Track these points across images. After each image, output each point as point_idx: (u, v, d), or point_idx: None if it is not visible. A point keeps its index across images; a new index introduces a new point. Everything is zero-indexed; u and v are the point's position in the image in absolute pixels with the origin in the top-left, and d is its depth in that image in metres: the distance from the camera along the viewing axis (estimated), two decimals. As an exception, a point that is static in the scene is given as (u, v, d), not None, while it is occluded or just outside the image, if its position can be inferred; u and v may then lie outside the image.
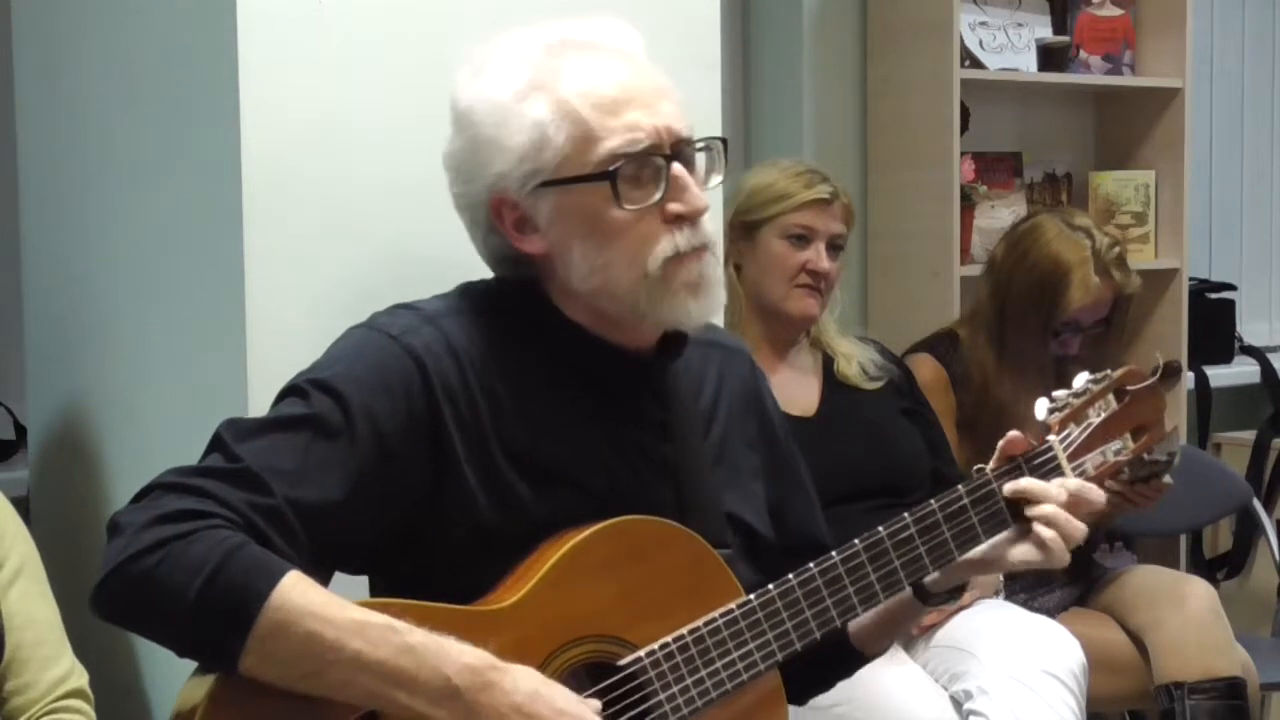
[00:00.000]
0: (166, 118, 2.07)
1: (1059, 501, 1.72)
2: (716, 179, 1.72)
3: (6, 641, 1.93)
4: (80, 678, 2.00)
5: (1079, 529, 1.72)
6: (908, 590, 1.76)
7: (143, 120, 2.13)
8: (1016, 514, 1.74)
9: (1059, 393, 1.81)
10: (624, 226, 1.63)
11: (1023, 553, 1.74)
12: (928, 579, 1.76)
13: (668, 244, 1.64)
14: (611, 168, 1.61)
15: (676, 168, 1.65)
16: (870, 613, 1.74)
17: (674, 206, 1.64)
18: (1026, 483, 1.73)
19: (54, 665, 1.97)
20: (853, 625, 1.79)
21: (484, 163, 1.65)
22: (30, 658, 1.96)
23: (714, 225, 2.23)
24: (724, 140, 1.73)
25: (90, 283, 2.29)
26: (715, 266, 1.68)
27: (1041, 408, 1.80)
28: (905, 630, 1.96)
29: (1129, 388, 1.82)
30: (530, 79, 1.64)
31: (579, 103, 1.62)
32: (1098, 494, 1.76)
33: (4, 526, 1.99)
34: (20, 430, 2.83)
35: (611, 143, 1.62)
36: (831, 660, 1.83)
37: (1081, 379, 1.83)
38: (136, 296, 2.18)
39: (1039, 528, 1.72)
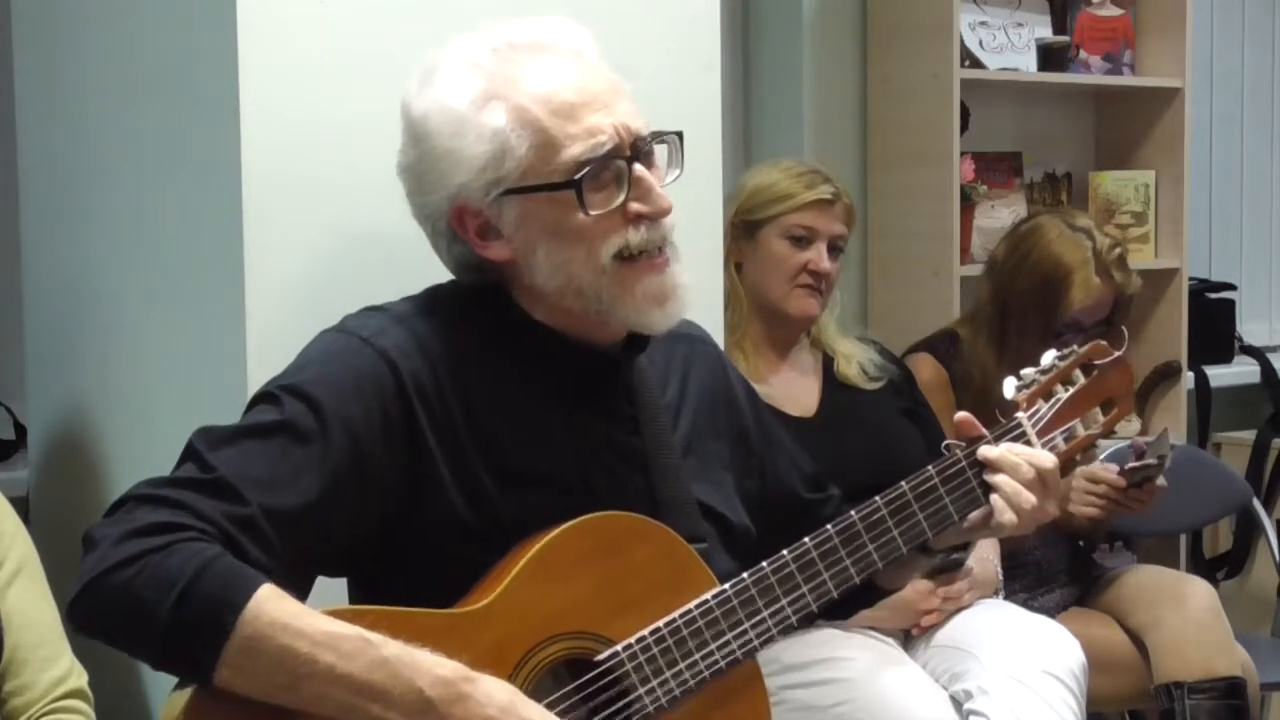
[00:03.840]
0: (166, 118, 2.07)
1: (1016, 473, 1.74)
2: (675, 174, 1.72)
3: (5, 642, 1.93)
4: (80, 678, 2.00)
5: (1024, 496, 1.73)
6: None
7: (143, 120, 2.13)
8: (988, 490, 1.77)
9: (1026, 370, 1.82)
10: (587, 229, 1.63)
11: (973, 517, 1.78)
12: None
13: (618, 239, 1.64)
14: (576, 175, 1.61)
15: (639, 169, 1.65)
16: None
17: (636, 207, 1.65)
18: (994, 452, 1.75)
19: (53, 665, 1.97)
20: None
21: (443, 173, 1.65)
22: (29, 658, 1.96)
23: (714, 225, 2.24)
24: (680, 134, 1.72)
25: (90, 283, 2.29)
26: (680, 273, 1.69)
27: (1009, 385, 1.81)
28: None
29: (1096, 362, 1.83)
30: (484, 86, 1.63)
31: (538, 109, 1.62)
32: (1049, 461, 1.77)
33: (3, 526, 1.99)
34: (20, 430, 2.83)
35: (574, 149, 1.62)
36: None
37: (1049, 356, 1.84)
38: (136, 297, 2.18)
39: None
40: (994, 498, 1.76)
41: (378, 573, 1.65)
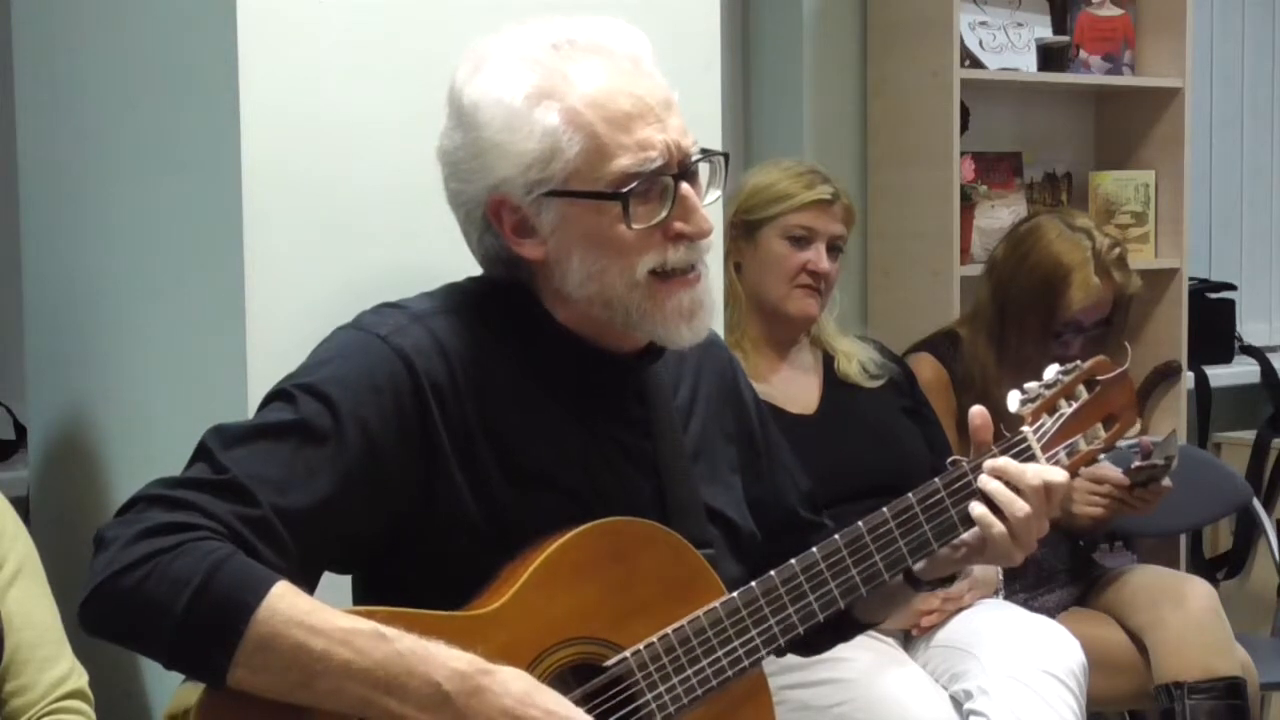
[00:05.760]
0: (166, 118, 2.07)
1: (1023, 482, 1.72)
2: (715, 194, 1.71)
3: (6, 642, 1.93)
4: (80, 678, 2.00)
5: (1017, 504, 1.72)
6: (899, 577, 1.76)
7: (143, 120, 2.13)
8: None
9: (1030, 384, 1.82)
10: (627, 242, 1.62)
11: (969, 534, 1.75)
12: (916, 568, 1.77)
13: (656, 256, 1.63)
14: (625, 189, 1.60)
15: (685, 188, 1.64)
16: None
17: (679, 226, 1.64)
18: (1004, 462, 1.74)
19: (54, 666, 1.97)
20: None
21: (488, 165, 1.63)
22: (30, 658, 1.95)
23: (714, 235, 2.24)
24: (726, 155, 1.72)
25: (90, 283, 2.29)
26: (709, 290, 1.68)
27: (1014, 399, 1.81)
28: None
29: (1099, 377, 1.83)
30: (539, 83, 1.61)
31: (592, 115, 1.60)
32: (1060, 476, 1.75)
33: (4, 526, 1.99)
34: (20, 430, 2.83)
35: (624, 161, 1.60)
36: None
37: (1052, 370, 1.84)
38: (136, 297, 2.18)
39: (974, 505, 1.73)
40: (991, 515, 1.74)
41: (386, 571, 1.65)
